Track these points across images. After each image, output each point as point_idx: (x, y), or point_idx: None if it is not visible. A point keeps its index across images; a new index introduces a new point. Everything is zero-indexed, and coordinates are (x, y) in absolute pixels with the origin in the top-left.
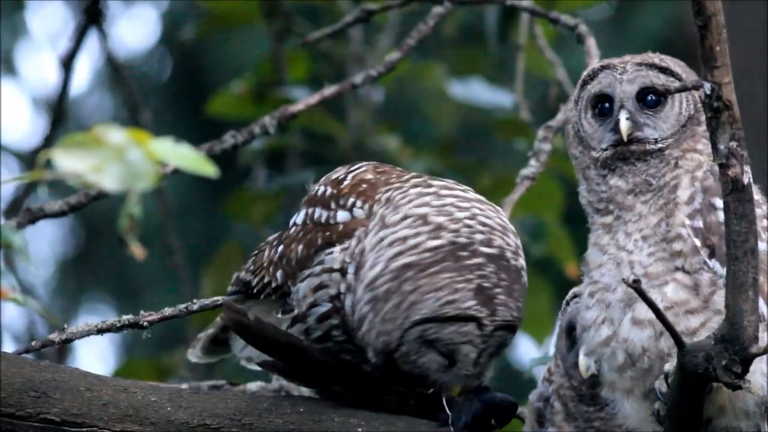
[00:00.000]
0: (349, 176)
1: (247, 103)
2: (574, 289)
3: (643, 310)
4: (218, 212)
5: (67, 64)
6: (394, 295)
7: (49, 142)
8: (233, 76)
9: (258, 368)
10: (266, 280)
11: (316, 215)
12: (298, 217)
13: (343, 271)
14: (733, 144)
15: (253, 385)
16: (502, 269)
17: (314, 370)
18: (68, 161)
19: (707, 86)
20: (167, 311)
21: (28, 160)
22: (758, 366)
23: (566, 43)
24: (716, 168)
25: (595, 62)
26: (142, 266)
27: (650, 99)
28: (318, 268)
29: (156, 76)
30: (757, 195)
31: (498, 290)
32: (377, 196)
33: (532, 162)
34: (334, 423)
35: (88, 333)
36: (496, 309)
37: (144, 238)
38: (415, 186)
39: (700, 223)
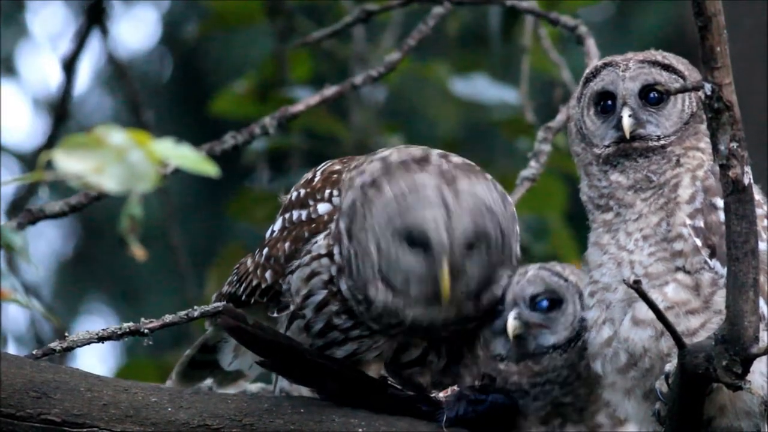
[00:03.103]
0: (318, 173)
1: (250, 102)
2: None
3: (643, 310)
4: (221, 212)
5: (69, 64)
6: (359, 203)
7: (51, 142)
8: (235, 75)
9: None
10: (254, 283)
11: (295, 217)
12: (276, 225)
13: (330, 255)
14: (734, 145)
15: (254, 386)
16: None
17: (313, 372)
18: (69, 162)
19: (708, 87)
20: (168, 318)
21: (29, 161)
22: (758, 366)
23: (568, 42)
24: (717, 168)
25: (595, 63)
26: (142, 266)
27: (653, 96)
28: (307, 258)
29: (157, 77)
30: (757, 195)
31: (458, 171)
32: (345, 175)
33: (532, 163)
34: (335, 423)
35: (89, 341)
36: (455, 177)
37: (146, 237)
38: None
39: (701, 223)
